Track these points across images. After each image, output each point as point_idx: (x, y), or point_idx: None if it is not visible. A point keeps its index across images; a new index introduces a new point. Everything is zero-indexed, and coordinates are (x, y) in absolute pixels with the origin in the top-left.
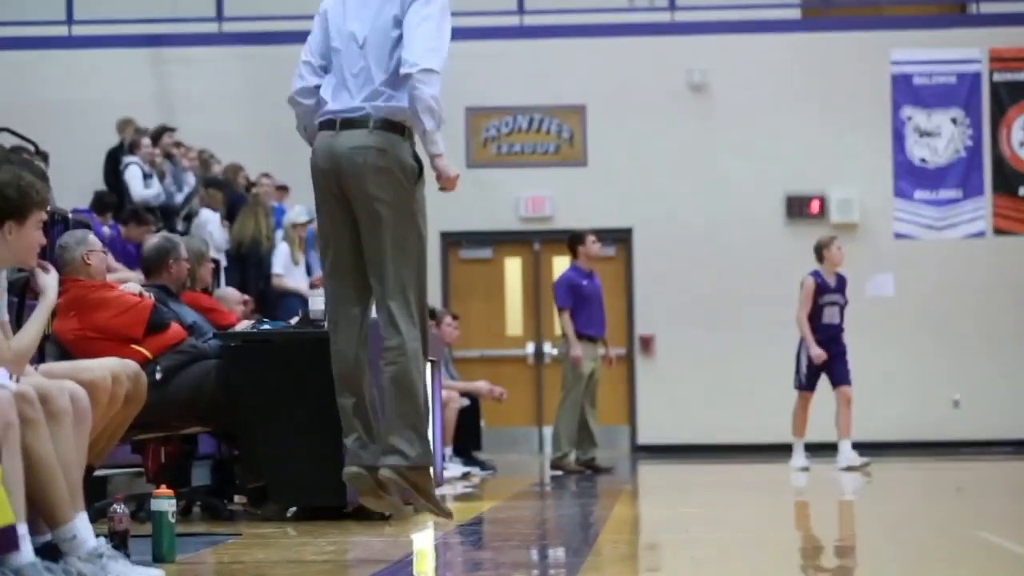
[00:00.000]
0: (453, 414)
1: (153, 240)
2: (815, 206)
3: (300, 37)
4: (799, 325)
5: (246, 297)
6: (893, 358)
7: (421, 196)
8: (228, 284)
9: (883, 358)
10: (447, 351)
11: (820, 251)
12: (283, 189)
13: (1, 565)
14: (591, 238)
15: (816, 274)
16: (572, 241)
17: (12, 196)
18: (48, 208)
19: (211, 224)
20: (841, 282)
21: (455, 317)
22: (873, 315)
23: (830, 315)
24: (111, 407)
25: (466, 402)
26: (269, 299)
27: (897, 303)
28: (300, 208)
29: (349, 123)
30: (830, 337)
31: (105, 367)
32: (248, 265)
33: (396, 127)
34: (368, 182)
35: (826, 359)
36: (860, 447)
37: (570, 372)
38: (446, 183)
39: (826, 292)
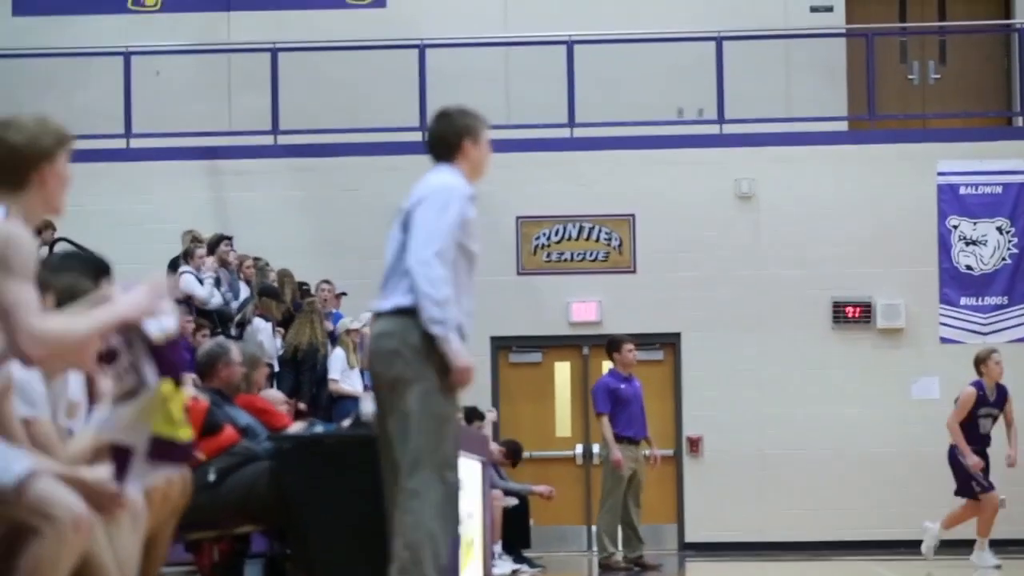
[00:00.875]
0: (499, 512)
1: (206, 345)
2: (860, 311)
3: (351, 149)
4: (951, 432)
5: (289, 400)
6: (939, 459)
7: (438, 374)
8: (280, 389)
9: (929, 459)
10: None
11: (978, 365)
12: (339, 296)
13: None
14: (627, 346)
15: (978, 384)
16: (610, 347)
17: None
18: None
19: (263, 332)
20: (1002, 394)
21: (512, 455)
22: (918, 417)
23: (984, 426)
24: (163, 508)
25: (515, 501)
26: (323, 403)
27: (942, 406)
28: (357, 316)
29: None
30: (982, 447)
31: None
32: (303, 370)
33: (405, 312)
34: (377, 363)
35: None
36: (907, 544)
37: (610, 475)
38: (455, 377)
39: (984, 404)
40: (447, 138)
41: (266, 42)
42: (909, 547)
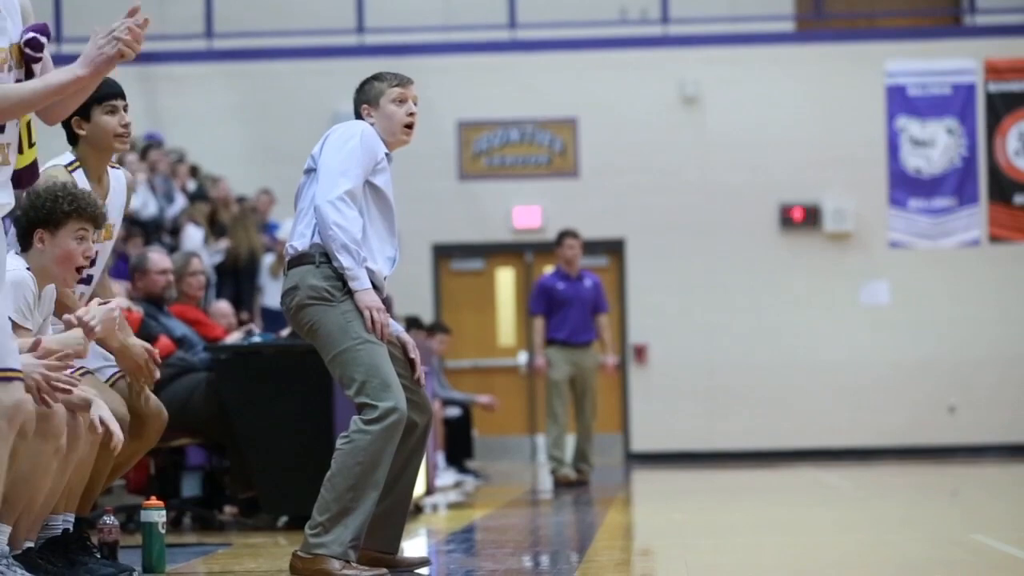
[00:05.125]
0: (441, 423)
1: (136, 254)
2: (808, 215)
3: (287, 53)
4: None
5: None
6: (888, 366)
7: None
8: (220, 298)
9: (877, 366)
10: (438, 361)
11: None
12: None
13: None
14: (568, 240)
15: None
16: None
17: (44, 204)
18: (93, 223)
19: (194, 240)
20: None
21: (446, 332)
22: (867, 323)
23: None
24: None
25: (457, 411)
26: (259, 313)
27: (891, 312)
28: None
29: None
30: None
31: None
32: (243, 278)
33: (305, 258)
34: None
35: None
36: (855, 454)
37: (546, 383)
38: (366, 320)
39: None
40: (355, 108)
41: None
42: (858, 456)
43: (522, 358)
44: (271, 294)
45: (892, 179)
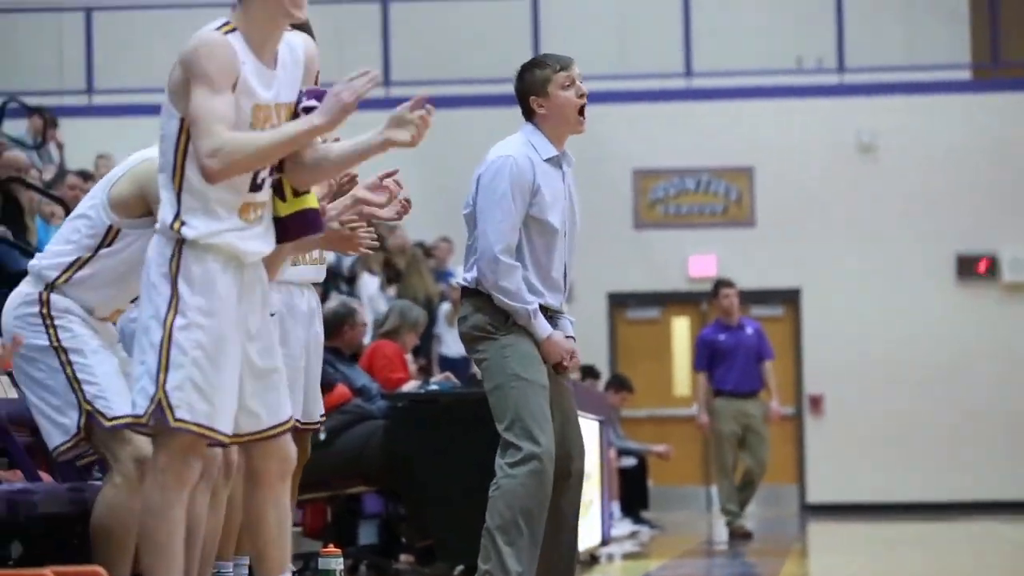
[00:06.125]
0: (616, 472)
1: (331, 304)
2: (984, 265)
3: (465, 101)
4: None
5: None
6: None
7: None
8: None
9: None
10: (613, 412)
11: None
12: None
13: None
14: (723, 290)
15: None
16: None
17: None
18: None
19: (371, 287)
20: None
21: (630, 390)
22: None
23: None
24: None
25: (633, 461)
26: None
27: None
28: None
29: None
30: None
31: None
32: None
33: (473, 291)
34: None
35: None
36: None
37: (714, 434)
38: (544, 352)
39: None
40: (520, 100)
41: None
42: None
43: (697, 409)
44: (448, 342)
45: None
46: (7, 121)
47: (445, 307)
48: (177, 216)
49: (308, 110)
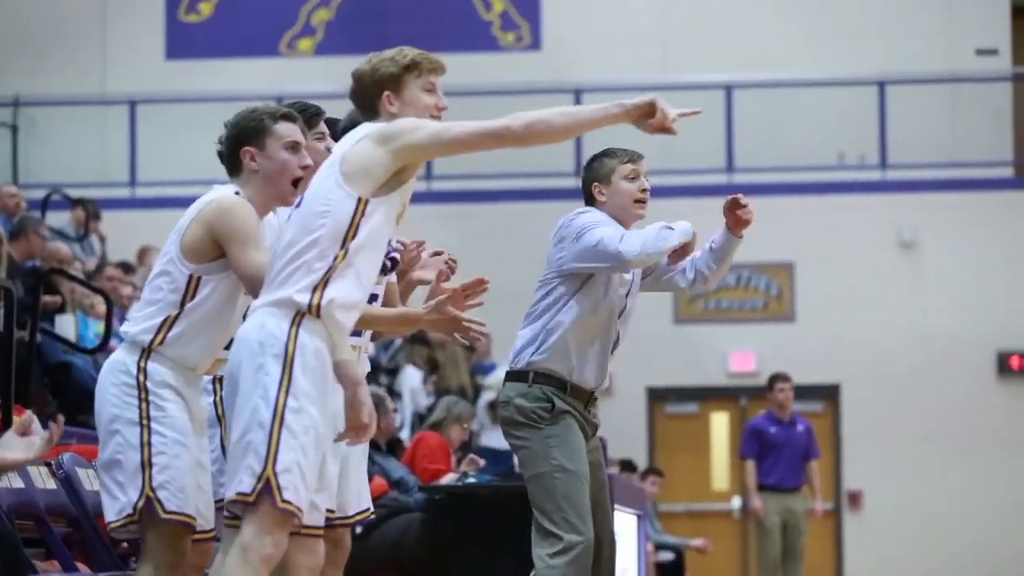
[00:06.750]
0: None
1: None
2: None
3: (505, 195)
4: None
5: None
6: None
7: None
8: None
9: None
10: (651, 505)
11: None
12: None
13: None
14: (779, 384)
15: None
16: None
17: (247, 122)
18: (298, 127)
19: (414, 379)
20: None
21: (659, 474)
22: None
23: None
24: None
25: (670, 556)
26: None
27: None
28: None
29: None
30: None
31: None
32: None
33: (521, 375)
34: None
35: None
36: None
37: (757, 527)
38: None
39: None
40: (584, 186)
41: None
42: None
43: (736, 503)
44: (488, 435)
45: None
46: (51, 213)
47: (484, 399)
48: (316, 287)
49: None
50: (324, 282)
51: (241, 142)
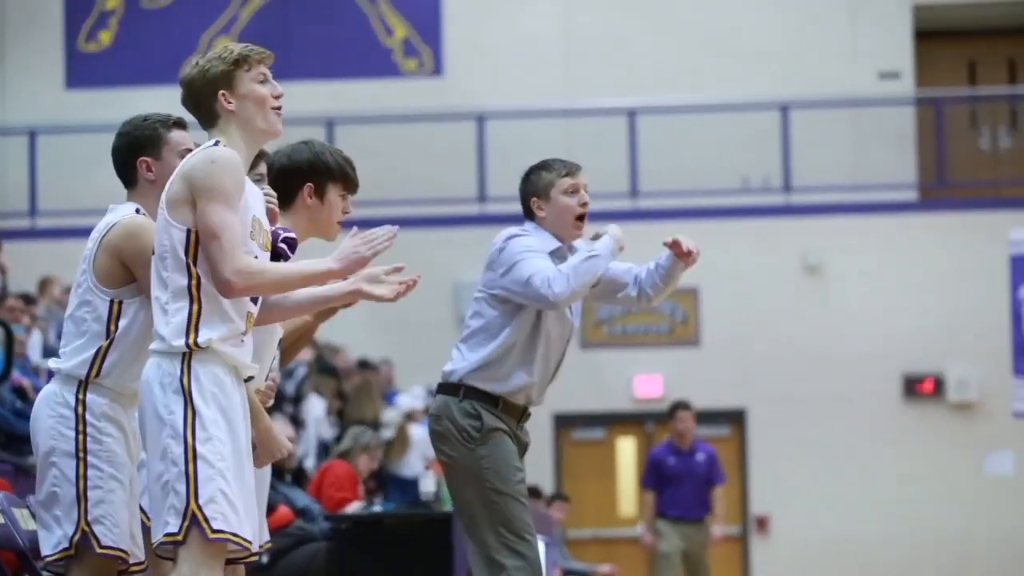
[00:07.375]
0: None
1: None
2: (930, 385)
3: (408, 222)
4: None
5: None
6: (1016, 536)
7: (487, 452)
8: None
9: (1002, 538)
10: (559, 531)
11: None
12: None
13: None
14: (679, 413)
15: None
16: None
17: (141, 132)
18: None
19: (318, 409)
20: None
21: (565, 499)
22: (991, 494)
23: None
24: None
25: None
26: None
27: (1017, 481)
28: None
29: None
30: None
31: None
32: None
33: (452, 388)
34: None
35: None
36: None
37: (657, 557)
38: None
39: None
40: (522, 200)
41: (321, 113)
42: None
43: (640, 529)
44: (397, 463)
45: (1016, 349)
46: None
47: (384, 436)
48: (188, 330)
49: (288, 241)
50: (190, 316)
51: (136, 152)
